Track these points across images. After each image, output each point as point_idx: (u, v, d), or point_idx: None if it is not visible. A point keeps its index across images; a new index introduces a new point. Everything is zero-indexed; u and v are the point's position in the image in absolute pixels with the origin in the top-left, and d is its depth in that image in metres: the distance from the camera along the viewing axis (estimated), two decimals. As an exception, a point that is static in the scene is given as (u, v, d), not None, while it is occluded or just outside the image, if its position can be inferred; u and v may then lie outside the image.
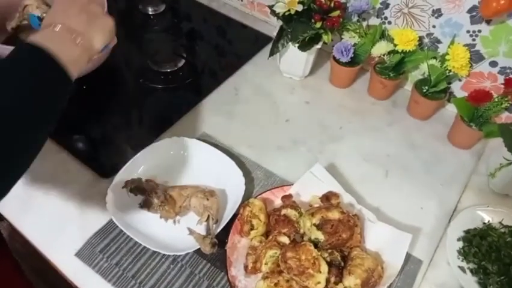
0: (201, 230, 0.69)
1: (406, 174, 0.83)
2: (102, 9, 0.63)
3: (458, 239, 0.73)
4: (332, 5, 0.85)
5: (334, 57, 0.94)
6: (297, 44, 0.88)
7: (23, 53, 0.51)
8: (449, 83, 0.90)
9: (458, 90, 0.92)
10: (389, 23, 0.92)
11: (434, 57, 0.87)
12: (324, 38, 0.88)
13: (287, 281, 0.61)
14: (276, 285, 0.61)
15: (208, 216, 0.69)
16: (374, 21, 0.93)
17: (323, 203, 0.72)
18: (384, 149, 0.88)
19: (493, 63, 0.83)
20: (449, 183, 0.82)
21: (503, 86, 0.82)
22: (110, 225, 0.72)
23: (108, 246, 0.70)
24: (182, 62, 1.02)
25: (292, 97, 0.97)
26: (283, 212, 0.69)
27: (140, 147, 0.79)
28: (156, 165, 0.79)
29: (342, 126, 0.91)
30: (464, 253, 0.71)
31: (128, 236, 0.69)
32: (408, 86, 0.97)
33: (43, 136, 0.52)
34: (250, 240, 0.69)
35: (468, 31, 0.82)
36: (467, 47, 0.83)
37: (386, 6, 0.90)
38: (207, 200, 0.70)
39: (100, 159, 0.83)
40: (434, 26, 0.86)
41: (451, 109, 0.93)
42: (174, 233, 0.71)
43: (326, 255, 0.64)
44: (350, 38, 0.93)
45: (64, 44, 0.54)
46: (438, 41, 0.88)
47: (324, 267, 0.61)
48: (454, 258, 0.71)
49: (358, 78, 1.00)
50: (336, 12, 0.85)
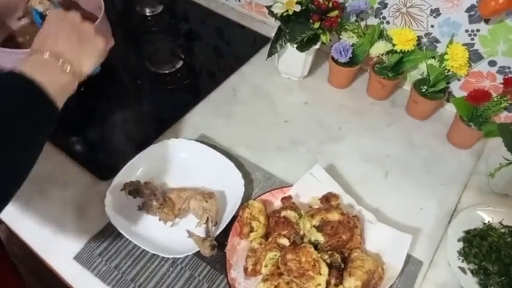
0: (200, 232, 0.69)
1: (406, 174, 0.83)
2: (94, 29, 0.63)
3: (459, 240, 0.73)
4: (330, 5, 0.85)
5: (332, 58, 0.94)
6: (295, 45, 0.88)
7: (9, 83, 0.51)
8: (448, 83, 0.90)
9: (457, 89, 0.91)
10: (388, 22, 0.92)
11: (433, 57, 0.87)
12: (323, 38, 0.87)
13: (287, 283, 0.61)
14: (276, 287, 0.61)
15: (208, 218, 0.69)
16: (372, 21, 0.93)
17: (322, 204, 0.71)
18: (383, 149, 0.87)
19: (492, 63, 0.83)
20: (449, 183, 0.82)
21: (502, 85, 0.82)
22: (108, 228, 0.71)
23: (107, 249, 0.70)
24: (180, 63, 1.01)
25: (291, 98, 0.97)
26: (283, 213, 0.69)
27: (139, 149, 0.78)
28: (155, 167, 0.79)
29: (341, 126, 0.91)
30: (464, 254, 0.71)
31: (127, 239, 0.69)
32: (407, 86, 0.96)
33: (30, 158, 0.52)
34: (249, 243, 0.69)
35: (467, 30, 0.82)
36: (465, 47, 0.83)
37: (384, 6, 0.89)
38: (206, 202, 0.70)
39: (98, 161, 0.83)
40: (432, 26, 0.86)
41: (450, 109, 0.93)
42: (173, 236, 0.71)
43: (326, 257, 0.64)
44: (348, 38, 0.93)
45: (52, 72, 0.55)
46: (437, 41, 0.87)
47: (324, 269, 0.61)
48: (455, 259, 0.70)
49: (357, 78, 1.00)
50: (334, 13, 0.85)
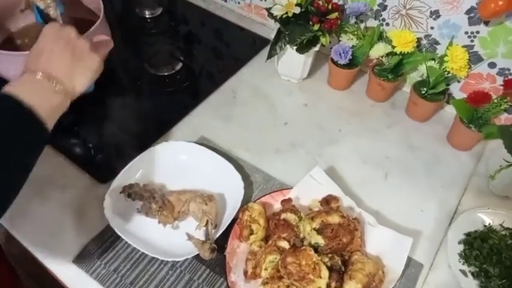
0: (200, 235, 0.68)
1: (406, 176, 0.83)
2: (89, 46, 0.62)
3: (459, 242, 0.72)
4: (330, 7, 0.85)
5: (332, 60, 0.93)
6: (295, 47, 0.88)
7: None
8: (448, 85, 0.90)
9: (457, 91, 0.91)
10: (387, 24, 0.91)
11: (433, 59, 0.87)
12: (322, 40, 0.87)
13: (287, 286, 0.61)
14: (276, 290, 0.60)
15: (207, 221, 0.68)
16: (371, 23, 0.93)
17: (322, 207, 0.71)
18: (383, 151, 0.87)
19: (492, 65, 0.83)
20: (449, 185, 0.82)
21: (502, 87, 0.82)
22: (107, 231, 0.71)
23: (106, 253, 0.69)
24: (179, 65, 1.01)
25: (290, 100, 0.97)
26: (283, 216, 0.69)
27: (138, 151, 0.78)
28: (154, 169, 0.78)
29: (341, 128, 0.91)
30: (465, 256, 0.70)
31: (126, 242, 0.68)
32: (407, 88, 0.96)
33: (18, 178, 0.52)
34: (249, 245, 0.68)
35: (466, 32, 0.82)
36: (465, 48, 0.83)
37: (384, 8, 0.89)
38: (206, 204, 0.70)
39: (97, 164, 0.83)
40: (432, 28, 0.86)
41: (450, 110, 0.93)
42: (173, 239, 0.71)
43: (326, 259, 0.63)
44: (348, 40, 0.93)
45: (44, 94, 0.55)
46: (437, 43, 0.87)
47: (324, 272, 0.60)
48: (455, 262, 0.70)
49: (356, 80, 1.00)
50: (334, 15, 0.85)
